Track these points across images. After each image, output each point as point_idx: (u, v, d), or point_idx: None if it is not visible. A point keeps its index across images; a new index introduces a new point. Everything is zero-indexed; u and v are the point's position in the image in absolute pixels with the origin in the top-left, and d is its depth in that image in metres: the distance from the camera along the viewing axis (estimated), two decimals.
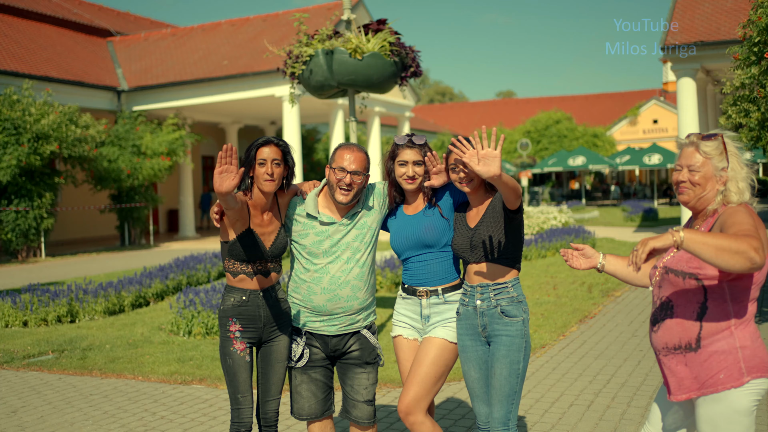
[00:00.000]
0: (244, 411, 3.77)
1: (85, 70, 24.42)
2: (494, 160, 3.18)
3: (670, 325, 2.93)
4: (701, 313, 2.86)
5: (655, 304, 3.03)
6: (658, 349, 3.00)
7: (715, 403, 2.82)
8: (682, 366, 2.90)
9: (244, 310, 3.76)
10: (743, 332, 2.85)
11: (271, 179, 3.68)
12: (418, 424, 3.69)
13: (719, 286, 2.83)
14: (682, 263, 2.88)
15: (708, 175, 2.93)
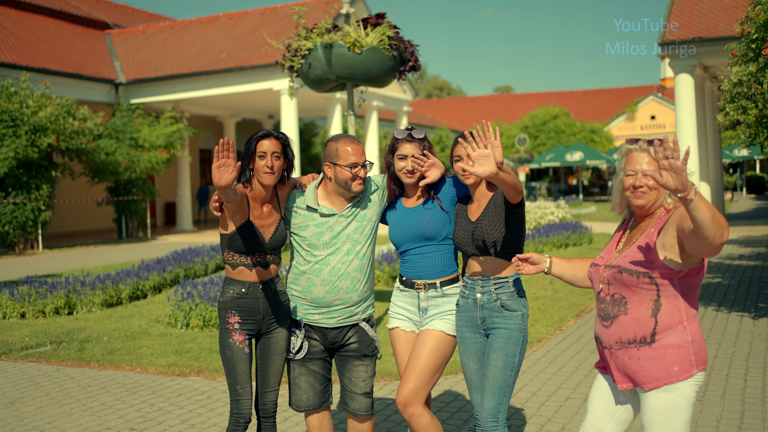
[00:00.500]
0: (243, 402, 3.79)
1: (82, 62, 24.38)
2: (488, 159, 3.19)
3: (625, 321, 3.04)
4: (656, 309, 2.98)
5: (605, 300, 3.12)
6: (609, 344, 3.10)
7: (668, 393, 2.96)
8: (635, 359, 3.01)
9: (244, 302, 3.78)
10: (693, 327, 3.00)
11: (270, 172, 3.69)
12: (417, 415, 3.72)
13: (671, 283, 2.96)
14: (636, 262, 3.00)
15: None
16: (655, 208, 3.10)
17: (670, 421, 2.97)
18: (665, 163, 2.66)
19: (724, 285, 11.02)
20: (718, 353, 7.03)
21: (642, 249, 3.02)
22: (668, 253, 2.95)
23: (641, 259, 2.99)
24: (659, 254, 2.96)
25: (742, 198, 41.03)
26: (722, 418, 5.22)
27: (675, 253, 2.94)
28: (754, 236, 18.55)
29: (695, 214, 2.67)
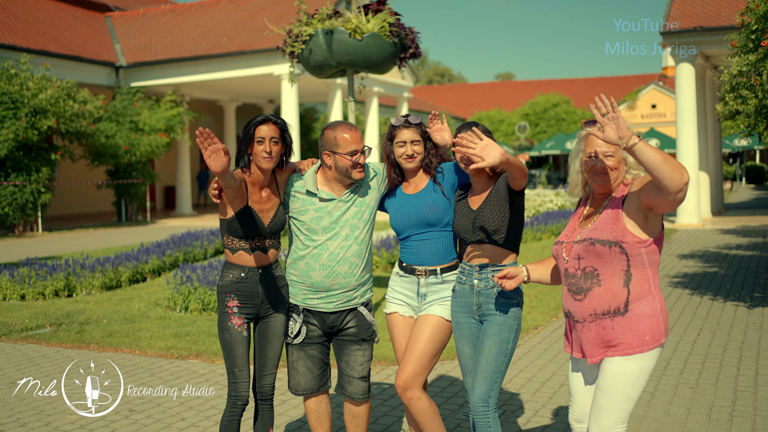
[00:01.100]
0: (241, 385, 3.84)
1: (83, 45, 24.33)
2: (492, 147, 3.25)
3: (599, 293, 3.13)
4: (627, 279, 3.10)
5: (575, 275, 3.20)
6: (583, 317, 3.18)
7: (636, 361, 3.09)
8: (609, 330, 3.11)
9: (243, 287, 3.83)
10: (660, 297, 3.16)
11: (269, 157, 3.73)
12: (416, 399, 3.77)
13: (638, 252, 3.07)
14: (606, 232, 3.10)
15: (619, 159, 3.18)
16: (613, 188, 3.21)
17: (631, 387, 3.11)
18: (604, 119, 2.85)
19: (720, 274, 11.07)
20: (712, 342, 7.09)
21: (610, 219, 3.12)
22: (634, 221, 3.08)
23: (612, 228, 3.10)
24: (626, 223, 3.09)
25: (741, 188, 41.08)
26: (714, 405, 5.29)
27: (640, 220, 3.07)
28: (751, 226, 18.60)
29: (644, 157, 2.81)
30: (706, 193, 21.17)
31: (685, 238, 16.22)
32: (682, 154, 19.32)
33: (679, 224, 19.13)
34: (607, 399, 3.13)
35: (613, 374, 3.12)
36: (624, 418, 3.15)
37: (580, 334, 3.23)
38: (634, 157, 2.88)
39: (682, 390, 5.66)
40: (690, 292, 9.68)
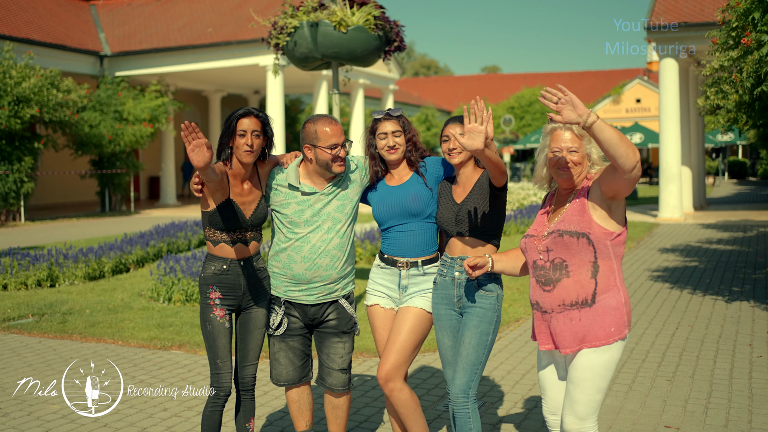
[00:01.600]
0: (223, 375, 3.88)
1: (67, 33, 24.16)
2: (479, 135, 3.28)
3: (567, 284, 3.21)
4: (594, 271, 3.18)
5: (544, 267, 3.28)
6: (551, 308, 3.26)
7: (603, 353, 3.19)
8: (576, 321, 3.20)
9: (224, 279, 3.86)
10: (624, 290, 3.25)
11: (250, 150, 3.75)
12: (397, 390, 3.83)
13: (604, 244, 3.17)
14: (574, 224, 3.18)
15: (583, 153, 3.27)
16: (578, 183, 3.29)
17: (600, 378, 3.21)
18: (560, 103, 2.94)
19: (700, 269, 11.20)
20: (690, 335, 7.19)
21: (577, 212, 3.21)
22: (599, 212, 3.17)
23: (579, 220, 3.19)
24: (592, 215, 3.18)
25: (723, 183, 41.42)
26: (690, 397, 5.37)
27: (605, 210, 3.17)
28: (732, 221, 18.78)
29: (602, 135, 2.90)
30: (689, 187, 21.34)
31: (667, 233, 16.36)
32: (665, 149, 19.47)
33: (661, 218, 19.28)
34: (580, 391, 3.22)
35: (584, 368, 3.21)
36: (596, 407, 3.25)
37: (549, 324, 3.30)
38: (592, 136, 2.96)
39: (659, 382, 5.74)
40: (670, 286, 9.79)
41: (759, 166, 45.00)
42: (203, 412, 3.90)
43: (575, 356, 3.24)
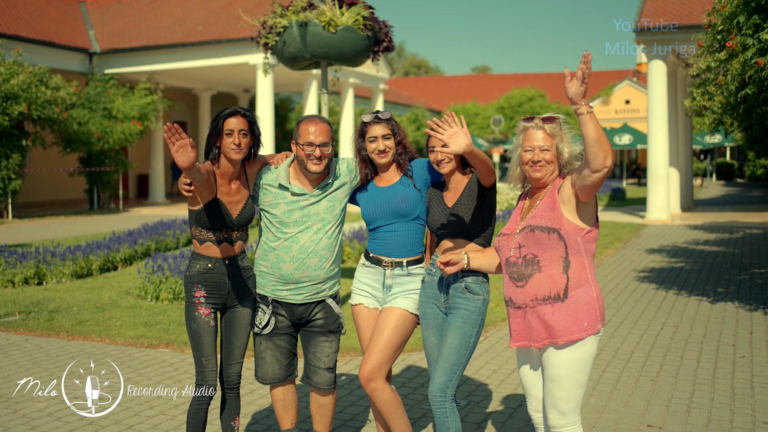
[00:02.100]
0: (208, 374, 3.90)
1: (56, 30, 24.07)
2: (461, 135, 3.33)
3: (540, 279, 3.27)
4: (566, 266, 3.25)
5: (516, 264, 3.34)
6: (524, 303, 3.31)
7: (578, 348, 3.24)
8: (549, 316, 3.25)
9: (209, 277, 3.88)
10: (596, 285, 3.32)
11: (238, 149, 3.78)
12: (379, 390, 3.85)
13: (575, 240, 3.23)
14: (545, 220, 3.25)
15: (555, 152, 3.34)
16: (550, 180, 3.37)
17: (579, 373, 3.26)
18: (578, 72, 3.02)
19: (686, 270, 11.28)
20: (674, 336, 7.25)
21: (548, 207, 3.28)
22: (569, 208, 3.23)
23: (550, 216, 3.26)
24: (563, 211, 3.24)
25: (711, 184, 41.65)
26: (673, 397, 5.43)
27: (574, 206, 3.23)
28: (719, 222, 18.90)
29: (584, 129, 3.00)
30: (676, 189, 21.45)
31: (654, 233, 16.46)
32: (653, 150, 19.57)
33: (648, 219, 19.38)
34: (560, 388, 3.28)
35: (561, 365, 3.26)
36: (578, 402, 3.31)
37: (522, 320, 3.35)
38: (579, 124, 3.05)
39: (643, 382, 5.79)
40: (656, 287, 9.86)
41: (746, 168, 45.27)
42: (188, 410, 3.92)
43: (550, 354, 3.28)
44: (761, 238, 15.32)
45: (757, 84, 6.92)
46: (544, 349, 3.32)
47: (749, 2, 6.90)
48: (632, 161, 50.36)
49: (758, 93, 7.33)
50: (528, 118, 3.42)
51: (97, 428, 4.87)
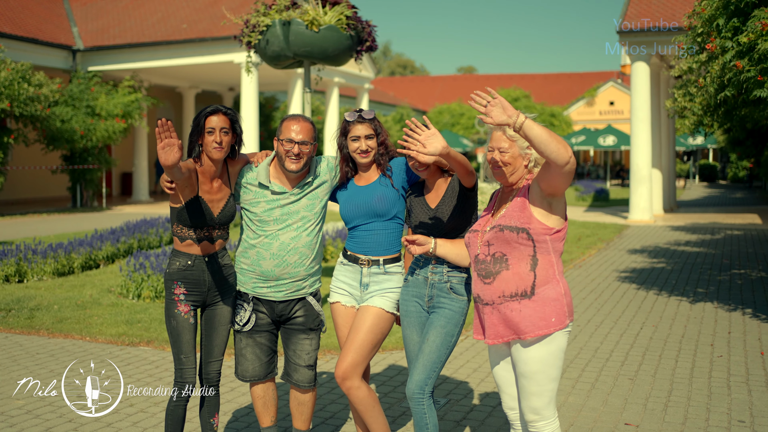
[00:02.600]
0: (186, 371, 3.90)
1: (39, 27, 23.91)
2: (436, 138, 3.40)
3: (507, 276, 3.32)
4: (533, 264, 3.30)
5: (485, 261, 3.38)
6: (491, 300, 3.36)
7: (548, 344, 3.29)
8: (517, 312, 3.29)
9: (189, 274, 3.88)
10: (564, 282, 3.37)
11: (219, 147, 3.80)
12: (354, 388, 3.87)
13: (544, 239, 3.29)
14: (514, 220, 3.30)
15: (516, 154, 3.38)
16: (515, 181, 3.43)
17: (550, 368, 3.32)
18: (489, 106, 3.08)
19: (666, 270, 11.36)
20: (654, 335, 7.31)
21: (518, 208, 3.33)
22: (539, 208, 3.28)
23: (519, 216, 3.31)
24: (533, 211, 3.29)
25: (694, 186, 41.95)
26: (651, 396, 5.48)
27: (545, 207, 3.28)
28: (700, 223, 19.05)
29: (531, 134, 3.03)
30: (659, 190, 21.60)
31: (636, 234, 16.57)
32: (636, 152, 19.70)
33: (631, 220, 19.51)
34: (533, 383, 3.32)
35: (532, 361, 3.31)
36: (552, 396, 3.36)
37: (489, 316, 3.39)
38: (523, 136, 3.09)
39: (621, 381, 5.84)
40: (636, 287, 9.93)
41: (729, 170, 45.64)
42: (167, 407, 3.92)
43: (520, 350, 3.32)
44: (742, 239, 15.46)
45: (736, 86, 6.99)
46: (515, 346, 3.35)
47: (728, 5, 6.98)
48: (616, 162, 50.62)
49: (737, 95, 7.40)
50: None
51: (76, 426, 4.86)
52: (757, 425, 4.89)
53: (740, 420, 4.98)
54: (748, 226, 18.35)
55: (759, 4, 6.88)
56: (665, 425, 4.89)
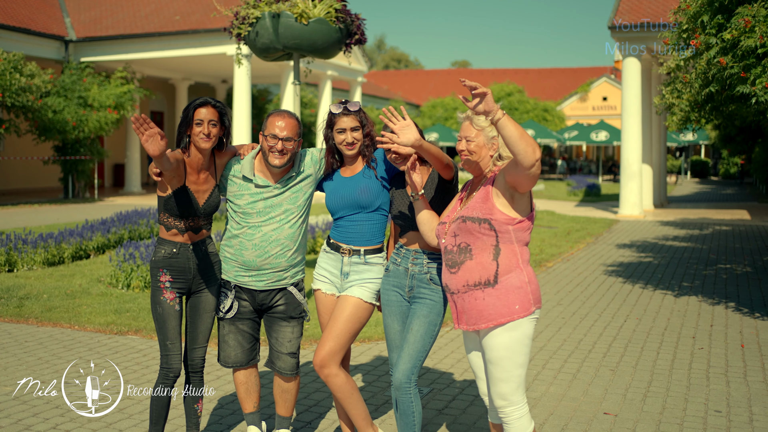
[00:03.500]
0: (172, 357, 3.97)
1: (31, 17, 23.86)
2: (410, 128, 3.48)
3: (471, 266, 3.41)
4: (496, 253, 3.38)
5: (452, 251, 3.48)
6: (457, 289, 3.46)
7: (512, 330, 3.37)
8: (480, 300, 3.39)
9: (174, 262, 3.95)
10: (528, 270, 3.45)
11: (207, 138, 3.87)
12: (332, 376, 3.95)
13: (506, 230, 3.37)
14: (477, 211, 3.39)
15: (481, 144, 3.48)
16: (482, 170, 3.52)
17: (516, 354, 3.40)
18: (474, 93, 3.15)
19: (654, 264, 11.46)
20: (637, 328, 7.40)
21: (481, 199, 3.42)
22: (503, 200, 3.36)
23: (481, 207, 3.40)
24: (495, 202, 3.38)
25: (686, 182, 42.11)
26: (630, 386, 5.57)
27: (508, 198, 3.36)
28: (690, 219, 19.17)
29: (504, 132, 3.12)
30: (649, 185, 21.69)
31: (625, 229, 16.67)
32: (626, 147, 19.80)
33: (621, 215, 19.61)
34: (500, 370, 3.41)
35: (498, 347, 3.39)
36: (520, 382, 3.43)
37: (457, 305, 3.50)
38: (498, 131, 3.17)
39: (602, 372, 5.93)
40: (623, 281, 10.03)
41: (721, 166, 45.82)
42: (152, 394, 3.99)
43: (486, 337, 3.41)
44: (729, 235, 15.58)
45: (720, 82, 7.07)
46: (482, 334, 3.44)
47: (713, 2, 7.06)
48: (608, 158, 50.77)
49: (722, 91, 7.48)
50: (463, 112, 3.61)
51: (63, 411, 4.92)
52: (733, 415, 4.98)
53: (717, 410, 5.07)
54: (736, 221, 18.49)
55: (743, 1, 6.97)
56: (643, 414, 4.98)
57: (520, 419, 3.43)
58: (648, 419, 4.89)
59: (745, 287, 9.64)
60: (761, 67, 6.58)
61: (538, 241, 13.62)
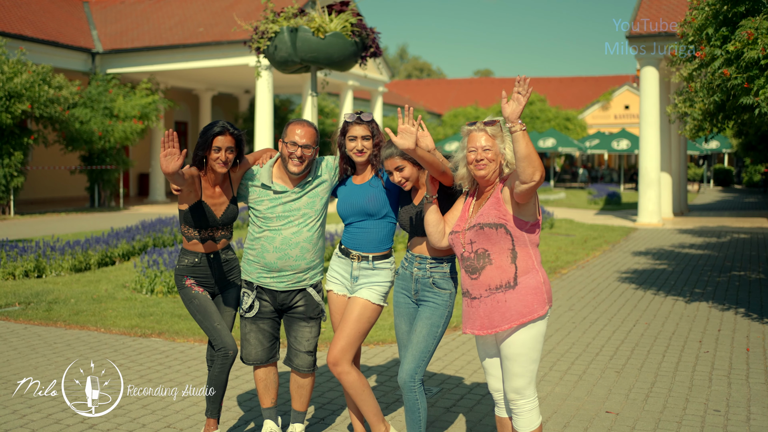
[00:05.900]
0: (224, 335, 4.27)
1: (59, 30, 24.43)
2: (410, 135, 3.68)
3: (491, 270, 3.62)
4: (513, 256, 3.60)
5: (470, 258, 3.68)
6: (479, 294, 3.65)
7: (530, 329, 3.61)
8: (503, 303, 3.59)
9: (197, 270, 4.29)
10: (542, 271, 3.64)
11: (224, 165, 4.18)
12: (345, 373, 4.20)
13: (520, 233, 3.59)
14: (491, 217, 3.60)
15: (497, 152, 3.68)
16: (494, 179, 3.72)
17: (532, 351, 3.64)
18: (516, 94, 3.36)
19: (668, 271, 11.59)
20: (645, 332, 7.57)
21: (494, 205, 3.63)
22: (513, 206, 3.58)
23: (496, 213, 3.61)
24: (507, 208, 3.59)
25: (708, 190, 41.92)
26: (634, 387, 5.75)
27: (514, 203, 3.57)
28: (708, 227, 19.20)
29: (516, 146, 3.34)
30: (668, 193, 21.70)
31: (643, 237, 16.77)
32: (645, 155, 19.89)
33: (639, 223, 19.69)
34: (516, 365, 3.64)
35: (516, 344, 3.62)
36: (532, 377, 3.68)
37: (477, 309, 3.69)
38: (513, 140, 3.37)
39: (608, 373, 6.12)
40: (635, 287, 10.17)
41: (744, 174, 45.53)
42: (211, 372, 4.31)
43: (507, 335, 3.62)
44: (747, 242, 15.63)
45: (724, 93, 7.25)
46: (501, 333, 3.65)
47: (718, 15, 7.24)
48: (630, 166, 50.64)
49: (726, 101, 7.65)
50: (471, 123, 3.79)
51: (62, 405, 5.19)
52: (731, 414, 5.15)
53: (716, 410, 5.24)
54: (755, 229, 18.50)
55: (746, 14, 7.14)
56: (644, 413, 5.16)
57: (530, 411, 3.68)
58: (648, 418, 5.08)
59: (756, 293, 9.76)
60: (764, 78, 6.76)
61: (554, 249, 13.78)
